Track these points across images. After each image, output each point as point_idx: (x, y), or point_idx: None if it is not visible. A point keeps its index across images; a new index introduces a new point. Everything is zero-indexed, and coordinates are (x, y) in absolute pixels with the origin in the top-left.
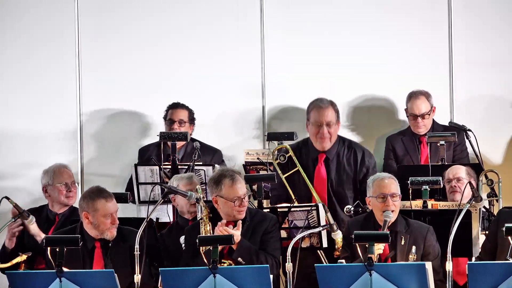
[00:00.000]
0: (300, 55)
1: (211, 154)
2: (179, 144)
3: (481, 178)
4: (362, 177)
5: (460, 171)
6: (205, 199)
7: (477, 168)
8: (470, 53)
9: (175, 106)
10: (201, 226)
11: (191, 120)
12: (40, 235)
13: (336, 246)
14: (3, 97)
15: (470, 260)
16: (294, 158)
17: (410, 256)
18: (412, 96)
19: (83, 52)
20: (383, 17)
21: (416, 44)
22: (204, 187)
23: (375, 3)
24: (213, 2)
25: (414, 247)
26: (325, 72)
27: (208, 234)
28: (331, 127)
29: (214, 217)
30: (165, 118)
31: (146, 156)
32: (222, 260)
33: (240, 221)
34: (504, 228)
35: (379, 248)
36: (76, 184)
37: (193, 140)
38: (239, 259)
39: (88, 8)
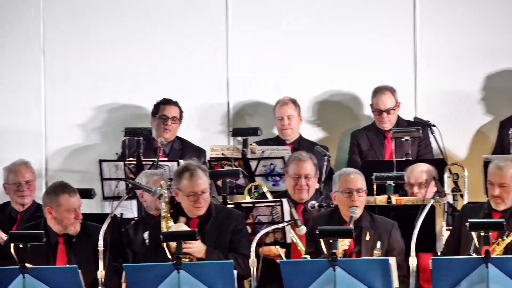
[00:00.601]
0: (265, 51)
1: (196, 153)
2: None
3: (446, 173)
4: None
5: (422, 175)
6: (171, 195)
7: (441, 163)
8: (435, 48)
9: (168, 102)
10: (161, 222)
11: (181, 117)
12: (2, 237)
13: None
14: None
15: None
16: (268, 194)
17: (375, 251)
18: (377, 92)
19: (48, 47)
20: (349, 13)
21: (381, 40)
22: (170, 183)
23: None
24: None
25: (379, 243)
26: (290, 68)
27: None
28: (309, 180)
29: (180, 213)
30: (154, 113)
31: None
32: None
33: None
34: (467, 223)
35: (344, 244)
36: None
37: (178, 138)
38: None
39: (55, 6)
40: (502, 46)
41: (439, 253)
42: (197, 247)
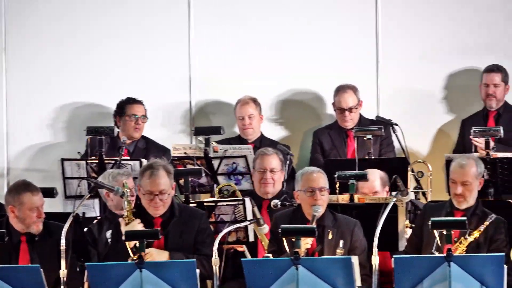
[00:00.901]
0: (228, 50)
1: (161, 152)
2: (128, 141)
3: (409, 171)
4: None
5: (375, 185)
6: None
7: (403, 162)
8: (397, 47)
9: (134, 101)
10: (123, 221)
11: (146, 115)
12: None
13: None
14: None
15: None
16: (238, 192)
17: (338, 250)
18: (340, 90)
19: (9, 46)
20: (311, 12)
21: (343, 39)
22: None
23: None
24: None
25: (341, 242)
26: (252, 67)
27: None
28: (274, 174)
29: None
30: (119, 113)
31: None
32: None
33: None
34: (429, 222)
35: (306, 242)
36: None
37: (143, 137)
38: None
39: (16, 4)
40: (464, 45)
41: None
42: (156, 255)
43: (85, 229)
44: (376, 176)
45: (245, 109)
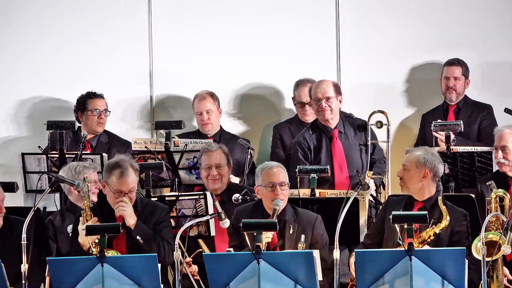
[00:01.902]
0: (188, 44)
1: (123, 146)
2: (91, 135)
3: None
4: None
5: (329, 90)
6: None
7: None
8: (357, 41)
9: (95, 96)
10: (82, 216)
11: (108, 109)
12: None
13: None
14: None
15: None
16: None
17: (299, 245)
18: (300, 84)
19: None
20: (271, 6)
21: (303, 33)
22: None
23: None
24: None
25: (303, 236)
26: (212, 61)
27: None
28: (220, 169)
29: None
30: (81, 108)
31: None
32: (108, 250)
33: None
34: (390, 216)
35: (267, 236)
36: None
37: (105, 131)
38: (138, 237)
39: None
40: (424, 39)
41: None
42: (130, 211)
43: (46, 220)
44: (329, 83)
45: (203, 104)
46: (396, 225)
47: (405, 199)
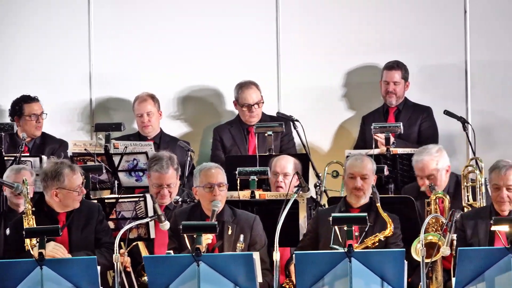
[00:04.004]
0: (128, 46)
1: (57, 144)
2: (28, 138)
3: (326, 169)
4: None
5: (288, 166)
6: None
7: (304, 158)
8: (297, 44)
9: (31, 99)
10: (24, 219)
11: (44, 111)
12: None
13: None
14: None
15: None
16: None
17: (238, 244)
18: (243, 86)
19: None
20: (211, 8)
21: (244, 35)
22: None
23: None
24: None
25: (241, 236)
26: (153, 63)
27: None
28: (171, 187)
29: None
30: (17, 113)
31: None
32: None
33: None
34: (330, 218)
35: (207, 238)
36: None
37: (42, 133)
38: None
39: None
40: (364, 41)
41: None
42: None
43: None
44: (290, 160)
45: (144, 106)
46: (336, 227)
47: (337, 208)
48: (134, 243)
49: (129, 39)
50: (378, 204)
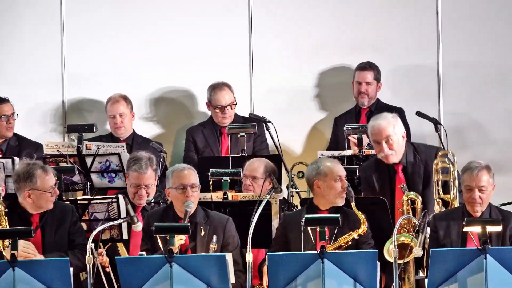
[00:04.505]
0: (100, 47)
1: (33, 148)
2: (0, 140)
3: (292, 170)
4: None
5: (258, 169)
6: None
7: (276, 159)
8: (270, 45)
9: (1, 101)
10: None
11: (15, 112)
12: None
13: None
14: None
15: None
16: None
17: (211, 245)
18: (216, 88)
19: None
20: (182, 9)
21: (216, 36)
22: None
23: None
24: None
25: (214, 236)
26: (125, 64)
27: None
28: (149, 188)
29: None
30: None
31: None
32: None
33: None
34: (303, 219)
35: (180, 239)
36: None
37: (15, 134)
38: None
39: None
40: (334, 42)
41: None
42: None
43: None
44: (262, 164)
45: (116, 107)
46: (308, 228)
47: (303, 211)
48: (109, 244)
49: (102, 40)
50: (353, 203)
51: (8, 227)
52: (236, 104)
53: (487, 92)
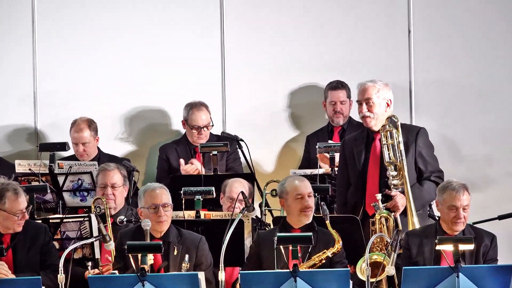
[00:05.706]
0: (73, 66)
1: (9, 169)
2: None
3: (265, 188)
4: None
5: (240, 188)
6: None
7: (249, 177)
8: (242, 63)
9: None
10: None
11: None
12: None
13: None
14: None
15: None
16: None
17: (184, 264)
18: (194, 108)
19: None
20: (155, 26)
21: (189, 54)
22: None
23: (146, 13)
24: None
25: (187, 256)
26: (99, 83)
27: None
28: (116, 189)
29: None
30: None
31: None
32: None
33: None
34: (275, 238)
35: (150, 258)
36: None
37: None
38: None
39: None
40: (306, 61)
41: None
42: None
43: None
44: (243, 184)
45: (79, 136)
46: (281, 247)
47: (276, 229)
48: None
49: (74, 59)
50: (327, 222)
51: None
52: (212, 126)
53: (458, 110)
